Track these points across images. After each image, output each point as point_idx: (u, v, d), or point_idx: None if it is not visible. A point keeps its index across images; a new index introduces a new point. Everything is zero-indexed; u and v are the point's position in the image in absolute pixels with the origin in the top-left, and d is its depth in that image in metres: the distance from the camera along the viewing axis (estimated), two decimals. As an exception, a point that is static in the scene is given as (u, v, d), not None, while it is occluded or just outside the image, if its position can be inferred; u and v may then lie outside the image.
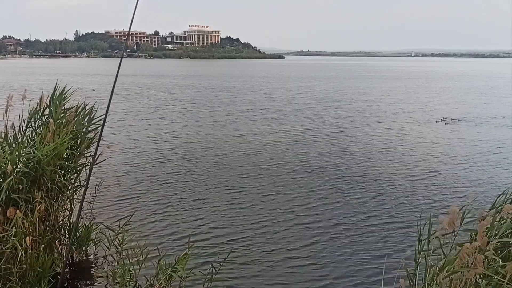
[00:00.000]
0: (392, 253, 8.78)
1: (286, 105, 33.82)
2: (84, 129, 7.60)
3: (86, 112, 7.72)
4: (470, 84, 63.55)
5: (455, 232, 5.03)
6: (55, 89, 7.62)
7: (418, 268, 5.42)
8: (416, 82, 65.61)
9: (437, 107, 34.12)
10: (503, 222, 5.08)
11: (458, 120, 26.94)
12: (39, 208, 6.58)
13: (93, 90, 40.82)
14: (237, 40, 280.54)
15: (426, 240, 5.25)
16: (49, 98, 7.52)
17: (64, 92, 7.70)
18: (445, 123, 25.89)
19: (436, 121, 26.51)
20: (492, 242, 4.73)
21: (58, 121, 7.14)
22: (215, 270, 7.22)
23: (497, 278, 4.51)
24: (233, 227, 9.93)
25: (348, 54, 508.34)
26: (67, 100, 7.70)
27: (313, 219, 10.47)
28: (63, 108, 7.51)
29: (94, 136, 7.76)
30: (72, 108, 7.63)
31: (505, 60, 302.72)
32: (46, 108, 7.49)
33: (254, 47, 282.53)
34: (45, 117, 7.44)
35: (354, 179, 13.86)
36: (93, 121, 7.76)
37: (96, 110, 7.89)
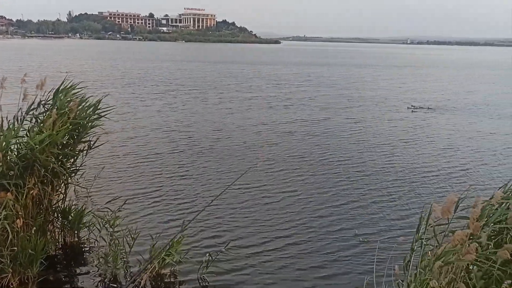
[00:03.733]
0: (388, 241, 8.80)
1: (295, 93, 32.89)
2: (87, 118, 7.52)
3: (90, 101, 7.64)
4: (481, 72, 63.97)
5: (451, 220, 5.06)
6: (63, 81, 7.50)
7: (413, 256, 5.42)
8: (423, 70, 65.38)
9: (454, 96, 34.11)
10: (494, 209, 5.11)
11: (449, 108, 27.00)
12: (32, 193, 6.55)
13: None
14: (233, 24, 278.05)
15: (423, 229, 5.26)
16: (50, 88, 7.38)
17: (69, 85, 7.57)
18: (412, 111, 25.75)
19: (408, 109, 26.32)
20: (485, 229, 4.76)
21: (61, 111, 7.02)
22: (211, 258, 7.22)
23: (488, 264, 4.55)
24: (234, 218, 9.76)
25: (344, 40, 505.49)
26: (71, 91, 7.56)
27: (312, 210, 10.38)
28: (67, 98, 7.37)
29: (94, 124, 7.73)
30: (75, 97, 7.51)
31: (500, 48, 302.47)
32: (49, 98, 7.38)
33: (250, 31, 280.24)
34: (48, 105, 7.32)
35: (360, 171, 13.65)
36: (97, 111, 7.70)
37: (100, 99, 7.84)
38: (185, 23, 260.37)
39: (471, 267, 4.77)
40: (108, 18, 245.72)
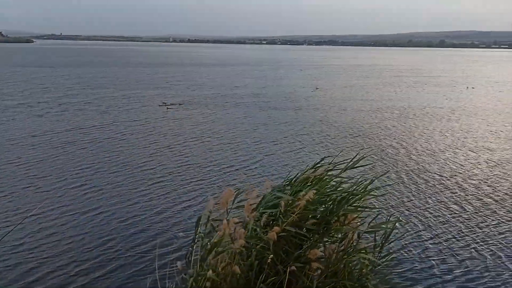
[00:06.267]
0: (171, 237, 9.11)
1: (67, 97, 29.81)
2: None
3: None
4: (242, 68, 68.86)
5: (230, 211, 5.65)
6: None
7: (194, 249, 5.73)
8: (194, 68, 67.02)
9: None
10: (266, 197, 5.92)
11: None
12: None
13: None
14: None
15: (204, 222, 5.73)
16: None
17: None
18: (167, 108, 26.75)
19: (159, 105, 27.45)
20: (256, 215, 5.46)
21: None
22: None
23: (258, 246, 5.23)
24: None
25: (107, 38, 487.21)
26: None
27: (92, 210, 10.27)
28: None
29: None
30: None
31: (249, 46, 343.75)
32: None
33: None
34: None
35: (153, 174, 13.44)
36: None
37: None
38: None
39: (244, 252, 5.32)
40: None
